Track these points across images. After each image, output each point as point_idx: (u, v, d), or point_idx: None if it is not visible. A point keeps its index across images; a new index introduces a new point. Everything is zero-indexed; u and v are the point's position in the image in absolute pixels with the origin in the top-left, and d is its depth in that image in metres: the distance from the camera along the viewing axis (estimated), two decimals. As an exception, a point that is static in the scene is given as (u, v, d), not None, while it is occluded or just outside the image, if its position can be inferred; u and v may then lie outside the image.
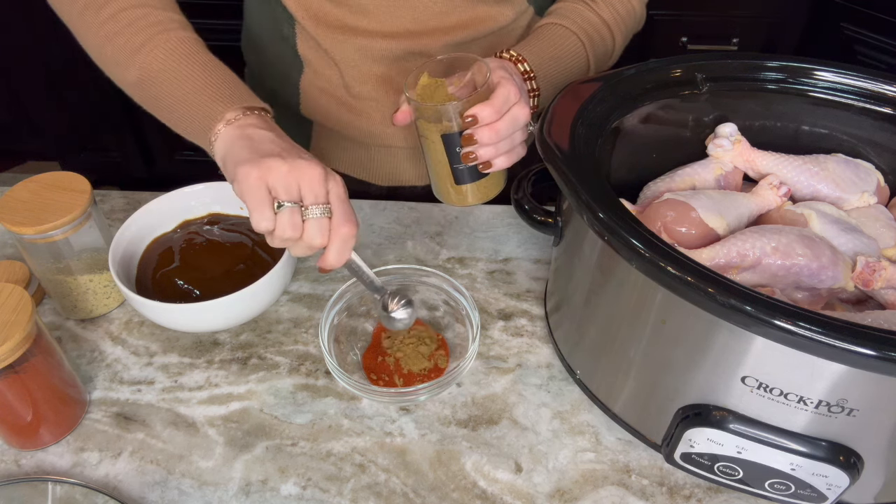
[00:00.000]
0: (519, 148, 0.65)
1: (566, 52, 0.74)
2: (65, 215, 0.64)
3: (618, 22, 0.77)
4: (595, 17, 0.76)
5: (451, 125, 0.62)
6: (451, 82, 0.65)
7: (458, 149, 0.63)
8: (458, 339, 0.69)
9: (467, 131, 0.61)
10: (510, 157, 0.64)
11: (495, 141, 0.62)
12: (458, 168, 0.65)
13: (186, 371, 0.67)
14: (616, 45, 0.79)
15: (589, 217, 0.50)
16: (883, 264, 0.57)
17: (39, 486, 0.56)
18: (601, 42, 0.76)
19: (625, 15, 0.78)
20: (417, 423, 0.63)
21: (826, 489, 0.51)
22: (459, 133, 0.62)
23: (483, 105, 0.61)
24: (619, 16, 0.77)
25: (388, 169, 0.88)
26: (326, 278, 0.76)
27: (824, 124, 0.67)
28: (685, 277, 0.45)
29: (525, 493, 0.58)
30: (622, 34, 0.79)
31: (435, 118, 0.62)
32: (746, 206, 0.62)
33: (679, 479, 0.59)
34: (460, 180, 0.66)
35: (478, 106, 0.61)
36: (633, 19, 0.80)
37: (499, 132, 0.61)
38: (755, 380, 0.48)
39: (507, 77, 0.63)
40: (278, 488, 0.59)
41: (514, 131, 0.63)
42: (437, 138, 0.63)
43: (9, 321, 0.54)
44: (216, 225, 0.74)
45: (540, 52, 0.72)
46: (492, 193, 0.68)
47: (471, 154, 0.62)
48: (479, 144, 0.62)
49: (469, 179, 0.66)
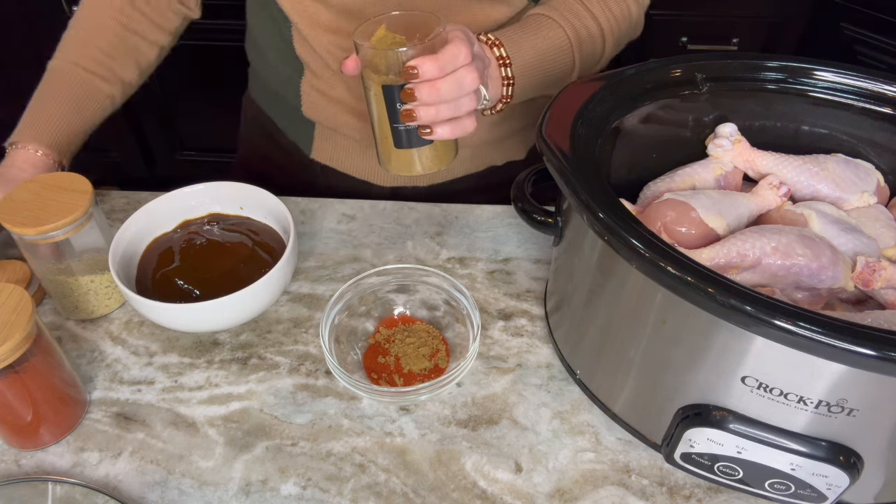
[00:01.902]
0: (466, 120, 0.60)
1: (549, 43, 0.71)
2: (66, 216, 0.64)
3: (610, 22, 0.75)
4: (586, 13, 0.74)
5: (393, 77, 0.57)
6: (412, 44, 0.59)
7: (399, 105, 0.59)
8: (459, 338, 0.69)
9: (407, 86, 0.57)
10: (454, 128, 0.60)
11: (436, 101, 0.57)
12: (397, 128, 0.60)
13: (186, 371, 0.67)
14: (606, 47, 0.76)
15: (589, 217, 0.50)
16: (883, 264, 0.57)
17: (39, 486, 0.56)
18: (589, 39, 0.74)
19: (619, 16, 0.76)
20: (417, 423, 0.63)
21: (826, 489, 0.51)
22: (401, 87, 0.58)
23: (426, 58, 0.56)
24: (611, 15, 0.75)
25: None
26: (327, 278, 0.76)
27: (824, 124, 0.67)
28: (685, 277, 0.45)
29: (525, 493, 0.58)
30: (614, 36, 0.76)
31: (376, 67, 0.58)
32: (746, 206, 0.62)
33: (679, 479, 0.59)
34: (399, 143, 0.61)
35: (420, 58, 0.56)
36: (628, 23, 0.77)
37: (440, 92, 0.57)
38: (755, 380, 0.48)
39: (461, 38, 0.58)
40: (278, 488, 0.59)
41: (460, 96, 0.58)
42: (378, 90, 0.59)
43: (9, 321, 0.54)
44: (216, 225, 0.74)
45: (519, 39, 0.69)
46: (435, 166, 0.64)
47: (410, 112, 0.58)
48: (419, 102, 0.57)
49: (408, 144, 0.61)
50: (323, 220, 0.83)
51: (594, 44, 0.75)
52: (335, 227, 0.82)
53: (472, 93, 0.59)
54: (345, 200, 0.85)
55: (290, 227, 0.69)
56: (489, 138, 0.87)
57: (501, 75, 0.69)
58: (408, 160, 0.63)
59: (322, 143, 0.89)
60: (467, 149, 0.87)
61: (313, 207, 0.85)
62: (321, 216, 0.84)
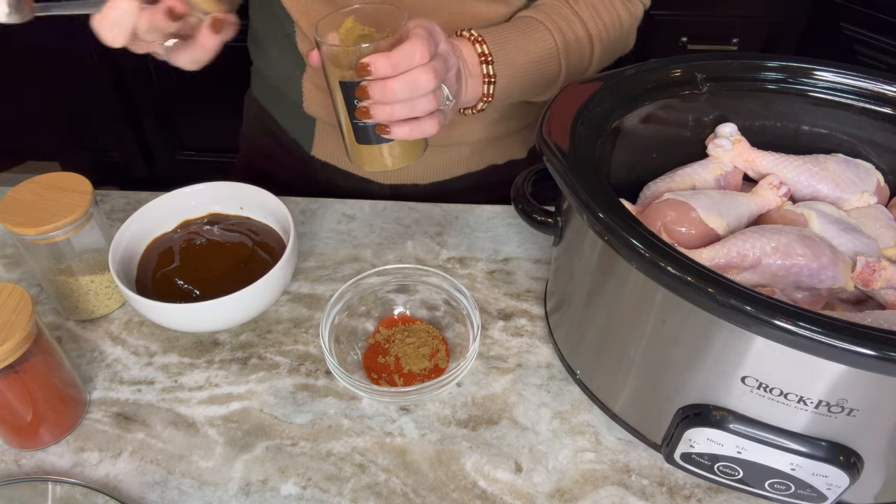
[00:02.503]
0: (426, 122, 0.59)
1: (535, 45, 0.71)
2: (66, 216, 0.64)
3: (599, 28, 0.74)
4: (574, 18, 0.73)
5: (350, 73, 0.57)
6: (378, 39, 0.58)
7: (356, 101, 0.58)
8: (459, 338, 0.69)
9: (362, 83, 0.56)
10: (412, 128, 0.59)
11: (389, 100, 0.56)
12: (356, 124, 0.60)
13: (186, 371, 0.67)
14: (595, 54, 0.75)
15: (589, 217, 0.50)
16: (883, 264, 0.57)
17: (39, 486, 0.56)
18: (577, 45, 0.73)
19: (609, 23, 0.75)
20: (417, 423, 0.63)
21: (826, 489, 0.51)
22: (357, 84, 0.57)
23: (379, 55, 0.55)
24: (601, 21, 0.74)
25: None
26: (327, 278, 0.76)
27: (824, 124, 0.67)
28: (685, 277, 0.45)
29: (525, 493, 0.59)
30: (602, 43, 0.75)
31: (335, 61, 0.57)
32: (746, 206, 0.62)
33: (679, 479, 0.59)
34: (360, 139, 0.61)
35: (374, 55, 0.55)
36: (619, 31, 0.76)
37: (392, 91, 0.56)
38: (755, 380, 0.48)
39: (421, 36, 0.57)
40: (278, 488, 0.59)
41: (414, 97, 0.57)
42: (337, 86, 0.58)
43: (9, 321, 0.54)
44: (216, 225, 0.74)
45: (504, 37, 0.69)
46: (404, 161, 0.63)
47: (366, 109, 0.57)
48: (373, 101, 0.57)
49: (367, 140, 0.61)
50: (323, 220, 0.83)
51: (582, 49, 0.74)
52: (335, 227, 0.82)
53: (430, 93, 0.58)
54: (345, 200, 0.86)
55: (290, 227, 0.69)
56: (489, 136, 0.87)
57: (483, 72, 0.68)
58: (373, 155, 0.62)
59: (323, 140, 0.89)
60: (466, 147, 0.87)
61: (313, 207, 0.85)
62: (321, 216, 0.84)
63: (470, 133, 0.85)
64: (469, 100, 0.69)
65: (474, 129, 0.85)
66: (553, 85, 0.75)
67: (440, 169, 0.89)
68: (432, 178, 0.90)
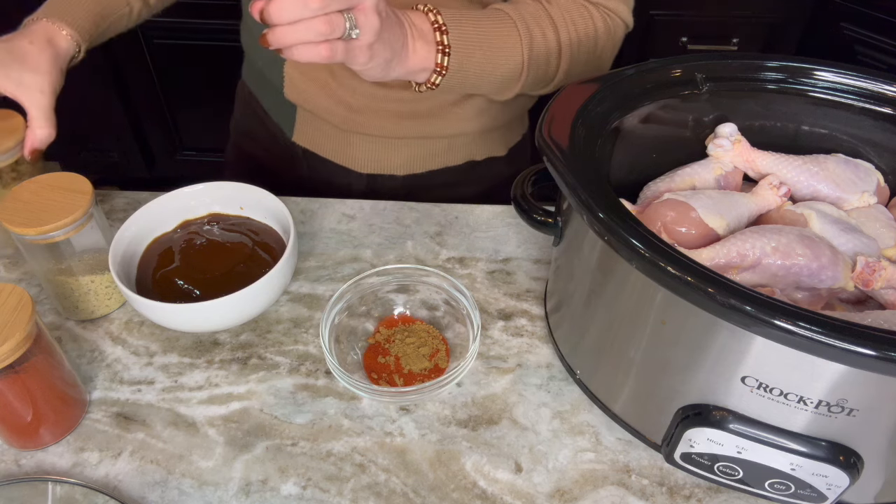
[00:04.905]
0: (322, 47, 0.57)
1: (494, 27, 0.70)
2: (66, 216, 0.64)
3: (569, 33, 0.73)
4: (545, 16, 0.72)
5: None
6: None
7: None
8: (459, 338, 0.69)
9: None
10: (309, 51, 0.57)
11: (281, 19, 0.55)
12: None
13: (186, 371, 0.67)
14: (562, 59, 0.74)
15: (589, 217, 0.50)
16: (883, 264, 0.57)
17: (39, 486, 0.56)
18: (543, 41, 0.72)
19: (581, 31, 0.73)
20: (417, 423, 0.63)
21: (826, 489, 0.51)
22: None
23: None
24: (573, 28, 0.73)
25: (368, 156, 0.89)
26: (327, 278, 0.76)
27: (824, 124, 0.67)
28: (685, 277, 0.45)
29: (525, 493, 0.59)
30: (571, 49, 0.73)
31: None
32: (746, 206, 0.62)
33: (679, 479, 0.59)
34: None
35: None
36: (592, 44, 0.75)
37: (281, 7, 0.54)
38: (755, 380, 0.48)
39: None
40: (278, 488, 0.59)
41: (304, 15, 0.55)
42: None
43: (9, 321, 0.54)
44: (216, 225, 0.74)
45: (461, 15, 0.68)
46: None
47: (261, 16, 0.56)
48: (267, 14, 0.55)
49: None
50: (323, 220, 0.83)
51: (549, 47, 0.73)
52: (335, 227, 0.82)
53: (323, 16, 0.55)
54: (345, 200, 0.86)
55: (291, 227, 0.69)
56: (465, 131, 0.87)
57: (436, 40, 0.67)
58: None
59: (303, 127, 0.89)
60: (443, 140, 0.88)
61: (313, 207, 0.85)
62: (321, 216, 0.84)
63: (445, 127, 0.86)
64: (419, 64, 0.67)
65: (450, 124, 0.86)
66: (514, 82, 0.74)
67: (416, 161, 0.89)
68: (408, 169, 0.90)
